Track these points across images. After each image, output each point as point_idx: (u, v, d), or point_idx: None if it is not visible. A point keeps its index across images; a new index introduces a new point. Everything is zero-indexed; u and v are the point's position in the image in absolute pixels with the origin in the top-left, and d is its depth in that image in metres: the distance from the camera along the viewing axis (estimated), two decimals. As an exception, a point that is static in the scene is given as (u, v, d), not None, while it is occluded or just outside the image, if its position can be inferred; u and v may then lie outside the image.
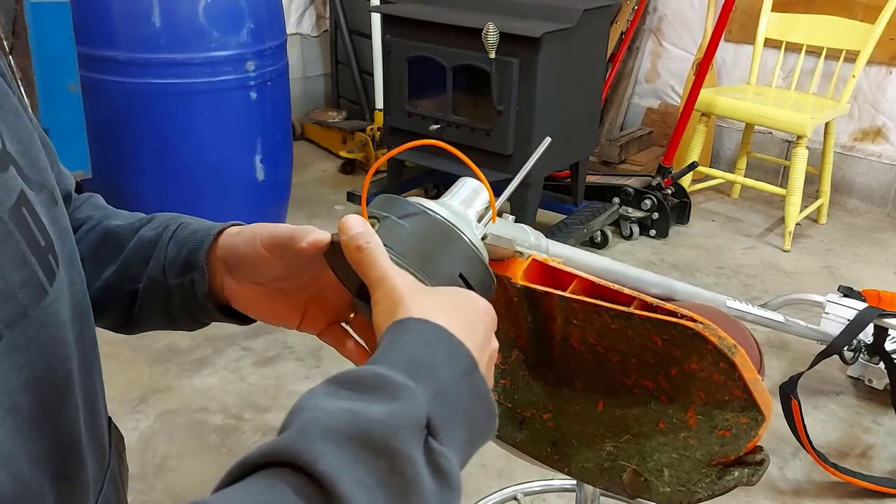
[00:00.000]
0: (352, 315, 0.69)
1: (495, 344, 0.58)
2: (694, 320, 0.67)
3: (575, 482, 1.21)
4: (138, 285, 0.70)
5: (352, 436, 0.45)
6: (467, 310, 0.56)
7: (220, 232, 0.68)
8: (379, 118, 3.57)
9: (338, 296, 0.68)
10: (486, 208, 0.67)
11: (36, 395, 0.55)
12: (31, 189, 0.58)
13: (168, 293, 0.69)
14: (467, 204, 0.67)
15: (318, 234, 0.61)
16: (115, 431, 0.71)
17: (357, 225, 0.58)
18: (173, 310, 0.70)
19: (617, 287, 0.73)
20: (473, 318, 0.56)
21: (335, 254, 0.60)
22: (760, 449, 0.69)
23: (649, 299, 0.71)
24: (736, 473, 0.69)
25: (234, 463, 0.45)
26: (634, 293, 0.72)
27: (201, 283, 0.67)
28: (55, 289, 0.57)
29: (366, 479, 0.44)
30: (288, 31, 3.05)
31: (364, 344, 0.69)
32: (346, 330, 0.70)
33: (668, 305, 0.69)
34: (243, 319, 0.71)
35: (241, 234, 0.67)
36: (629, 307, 0.71)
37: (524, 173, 0.72)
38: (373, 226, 0.61)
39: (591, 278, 0.75)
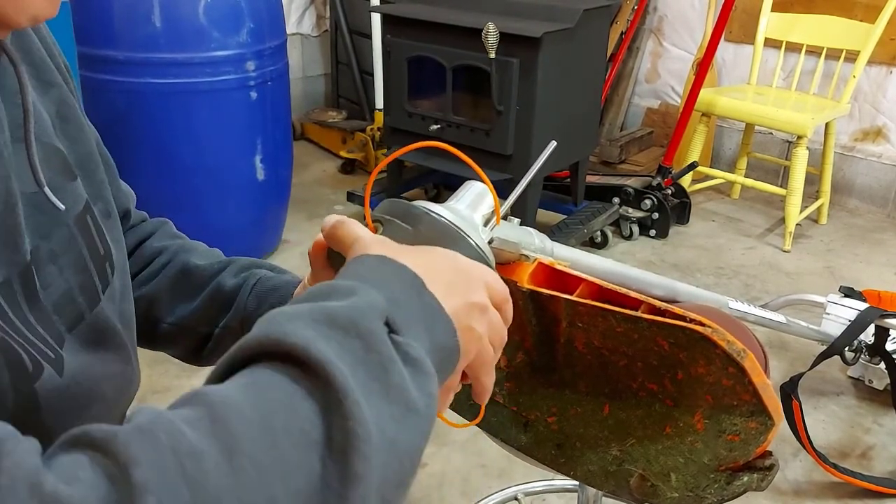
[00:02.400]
0: None
1: (479, 298, 0.55)
2: (702, 324, 0.67)
3: (577, 483, 1.21)
4: (214, 329, 0.73)
5: (317, 318, 0.44)
6: (442, 258, 0.55)
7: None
8: (379, 118, 3.56)
9: None
10: (493, 212, 0.67)
11: (113, 387, 0.60)
12: (91, 200, 0.61)
13: None
14: (473, 208, 0.66)
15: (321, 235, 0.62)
16: None
17: (334, 216, 0.59)
18: None
19: (623, 291, 0.73)
20: (443, 265, 0.55)
21: (336, 255, 0.61)
22: (770, 454, 0.69)
23: (657, 303, 0.71)
24: (745, 479, 0.69)
25: (216, 363, 0.44)
26: (641, 296, 0.72)
27: None
28: (107, 296, 0.62)
29: (341, 355, 0.43)
30: (288, 31, 3.05)
31: None
32: None
33: (676, 309, 0.69)
34: None
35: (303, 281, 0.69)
36: (636, 311, 0.71)
37: (530, 177, 0.72)
38: (376, 230, 0.61)
39: (598, 282, 0.75)
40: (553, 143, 0.72)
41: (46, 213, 0.55)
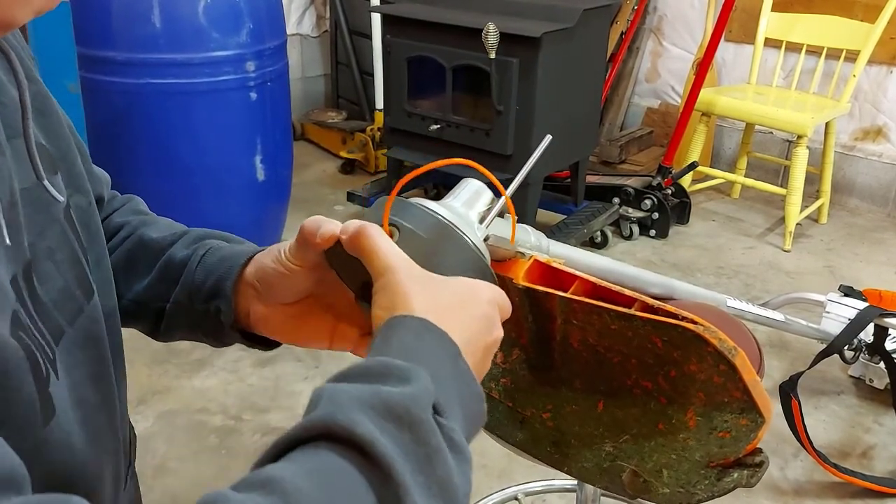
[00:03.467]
0: None
1: (497, 334, 0.58)
2: (694, 322, 0.67)
3: (576, 482, 1.21)
4: (166, 304, 0.72)
5: (374, 405, 0.46)
6: (466, 302, 0.57)
7: (248, 260, 0.69)
8: (379, 118, 3.57)
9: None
10: (488, 209, 0.68)
11: (97, 390, 0.59)
12: (72, 193, 0.62)
13: (194, 317, 0.71)
14: (469, 205, 0.67)
15: (328, 228, 0.61)
16: (131, 428, 0.73)
17: (356, 222, 0.59)
18: (199, 331, 0.72)
19: (617, 288, 0.73)
20: (468, 311, 0.56)
21: (337, 254, 0.61)
22: (760, 451, 0.69)
23: (650, 301, 0.71)
24: (735, 475, 0.69)
25: (273, 441, 0.46)
26: (635, 294, 0.72)
27: (227, 313, 0.68)
28: (97, 287, 0.61)
29: (395, 448, 0.45)
30: (288, 32, 3.05)
31: None
32: None
33: (670, 308, 0.69)
34: (268, 344, 0.72)
35: (269, 252, 0.68)
36: (630, 309, 0.71)
37: (525, 172, 0.72)
38: (392, 234, 0.61)
39: (593, 279, 0.75)
40: (548, 137, 0.72)
41: (40, 210, 0.55)
